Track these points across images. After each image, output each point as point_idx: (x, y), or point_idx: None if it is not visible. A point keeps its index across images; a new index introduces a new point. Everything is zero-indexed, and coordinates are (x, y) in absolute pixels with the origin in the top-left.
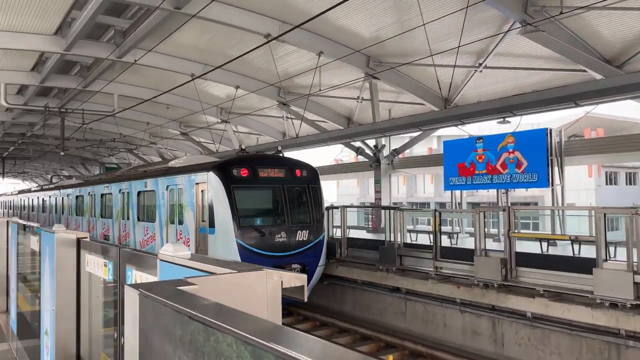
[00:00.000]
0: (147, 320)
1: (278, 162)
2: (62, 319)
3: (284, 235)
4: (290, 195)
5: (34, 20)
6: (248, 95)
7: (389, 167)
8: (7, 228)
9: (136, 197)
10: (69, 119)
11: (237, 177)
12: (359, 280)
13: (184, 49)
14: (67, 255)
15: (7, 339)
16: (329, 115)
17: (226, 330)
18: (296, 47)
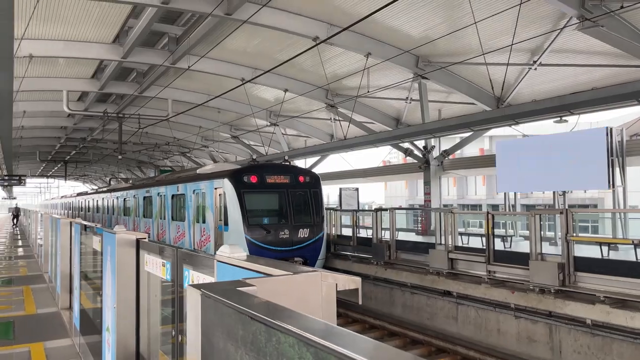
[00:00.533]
0: (208, 320)
1: (284, 169)
2: (123, 317)
3: (287, 232)
4: (293, 198)
5: (93, 30)
6: (296, 98)
7: (438, 169)
8: (70, 228)
9: (170, 200)
10: (126, 123)
11: (247, 183)
12: (408, 284)
13: (234, 54)
14: (127, 255)
15: (71, 334)
16: (377, 116)
17: (288, 331)
18: (344, 49)
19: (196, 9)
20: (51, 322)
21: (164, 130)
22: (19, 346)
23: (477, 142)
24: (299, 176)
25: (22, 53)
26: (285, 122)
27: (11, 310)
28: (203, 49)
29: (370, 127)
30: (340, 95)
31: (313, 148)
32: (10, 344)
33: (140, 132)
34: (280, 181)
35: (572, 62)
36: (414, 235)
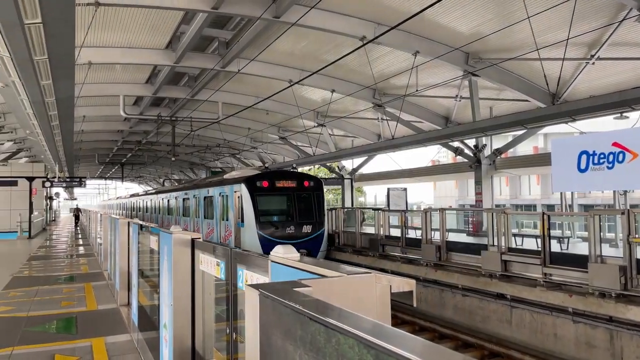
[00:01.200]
0: (267, 319)
1: (291, 175)
2: (179, 314)
3: (293, 228)
4: (298, 200)
5: (148, 37)
6: (343, 99)
7: (490, 168)
8: (128, 228)
9: (203, 201)
10: (179, 126)
11: (259, 187)
12: (459, 285)
13: (282, 56)
14: (183, 255)
15: (129, 330)
16: (426, 115)
17: (348, 332)
18: (392, 48)
19: (245, 13)
20: (111, 318)
21: (214, 132)
22: (82, 341)
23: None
24: (304, 181)
25: (81, 60)
26: (332, 122)
27: (74, 306)
28: (252, 52)
29: (419, 126)
30: (388, 94)
31: (360, 148)
32: (73, 339)
33: (192, 135)
34: (287, 185)
35: (633, 55)
36: (464, 236)
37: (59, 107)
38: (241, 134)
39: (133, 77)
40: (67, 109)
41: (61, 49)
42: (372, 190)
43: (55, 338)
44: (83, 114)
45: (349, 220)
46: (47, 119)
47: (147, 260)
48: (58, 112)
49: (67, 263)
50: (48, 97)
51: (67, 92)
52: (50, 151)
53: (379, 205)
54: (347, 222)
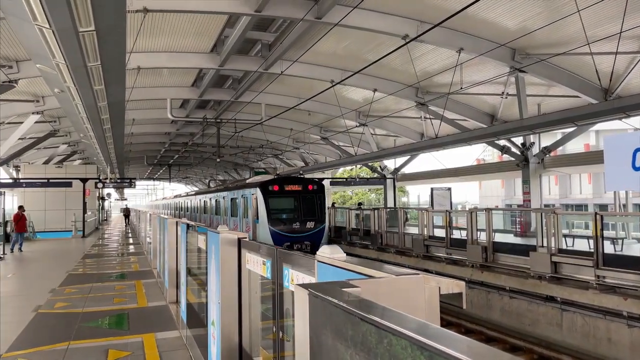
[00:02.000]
0: (316, 319)
1: (298, 180)
2: (227, 312)
3: (298, 224)
4: (303, 201)
5: (193, 41)
6: (385, 98)
7: (538, 166)
8: (176, 228)
9: (230, 202)
10: (224, 128)
11: (271, 190)
12: (507, 287)
13: (324, 57)
14: (230, 254)
15: (178, 327)
16: (471, 113)
17: (400, 334)
18: (435, 46)
19: (288, 15)
20: (161, 315)
21: (257, 133)
22: (133, 336)
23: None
24: (308, 185)
25: (131, 65)
26: (374, 122)
27: (125, 302)
28: (294, 53)
29: (463, 125)
30: (431, 92)
31: (403, 147)
32: (125, 334)
33: (237, 136)
34: (294, 189)
35: None
36: (511, 237)
37: (111, 110)
38: (283, 134)
39: (179, 80)
40: (118, 112)
41: (113, 55)
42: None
43: (108, 333)
44: (133, 117)
45: (392, 221)
46: (100, 122)
47: (195, 259)
48: (110, 116)
49: (119, 261)
50: (100, 101)
51: (118, 96)
52: (102, 153)
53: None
54: (389, 222)
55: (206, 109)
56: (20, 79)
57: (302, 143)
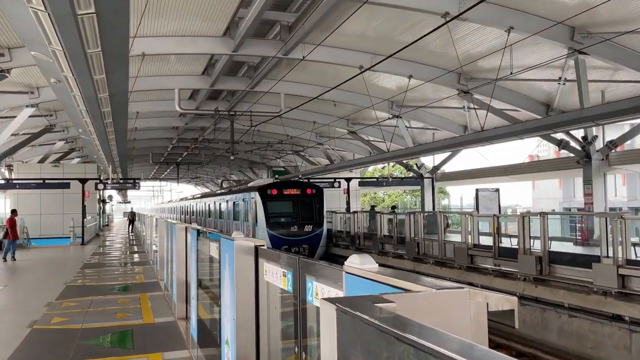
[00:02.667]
0: (346, 337)
1: (296, 184)
2: (243, 329)
3: (296, 227)
4: (301, 204)
5: (203, 24)
6: (422, 86)
7: (603, 164)
8: (186, 234)
9: (232, 205)
10: (238, 122)
11: (269, 194)
12: (565, 304)
13: (351, 39)
14: (246, 264)
15: (188, 346)
16: (522, 102)
17: (443, 355)
18: (480, 25)
19: None
20: (168, 332)
21: (276, 127)
22: (138, 356)
23: None
24: (307, 189)
25: (134, 52)
26: (409, 113)
27: (129, 318)
28: (318, 36)
29: (514, 116)
30: (476, 79)
31: (443, 142)
32: (129, 354)
33: (252, 131)
34: (293, 193)
35: None
36: (571, 245)
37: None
38: (306, 128)
39: (188, 68)
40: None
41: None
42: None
43: (110, 352)
44: (136, 109)
45: (430, 227)
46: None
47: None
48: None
49: (122, 271)
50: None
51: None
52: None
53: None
54: (427, 228)
55: (218, 100)
56: (13, 69)
57: (327, 138)
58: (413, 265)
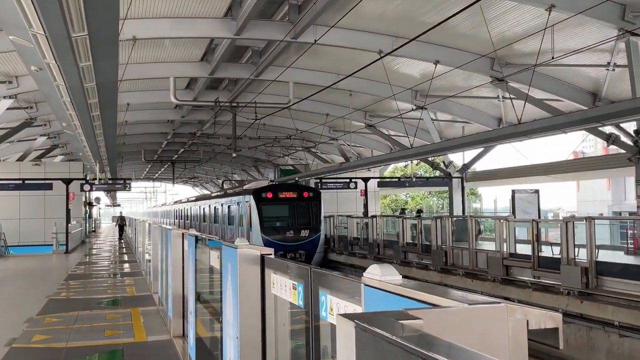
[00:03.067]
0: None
1: (292, 187)
2: (247, 349)
3: (292, 232)
4: (298, 208)
5: (201, 4)
6: (450, 73)
7: None
8: (182, 241)
9: (227, 209)
10: (241, 114)
11: (264, 197)
12: (616, 322)
13: (369, 20)
14: (251, 275)
15: None
16: (565, 91)
17: None
18: (517, 2)
19: None
20: (163, 352)
21: (284, 120)
22: None
23: None
24: (304, 192)
25: (125, 36)
26: (435, 104)
27: (120, 336)
28: (331, 17)
29: (555, 107)
30: (512, 64)
31: (474, 137)
32: None
33: (257, 124)
34: (289, 196)
35: None
36: (622, 254)
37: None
38: (318, 121)
39: (185, 54)
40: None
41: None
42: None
43: None
44: (127, 101)
45: (460, 233)
46: (87, 108)
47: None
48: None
49: (111, 283)
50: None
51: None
52: (90, 147)
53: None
54: (456, 235)
55: (219, 90)
56: None
57: (342, 132)
58: (440, 277)
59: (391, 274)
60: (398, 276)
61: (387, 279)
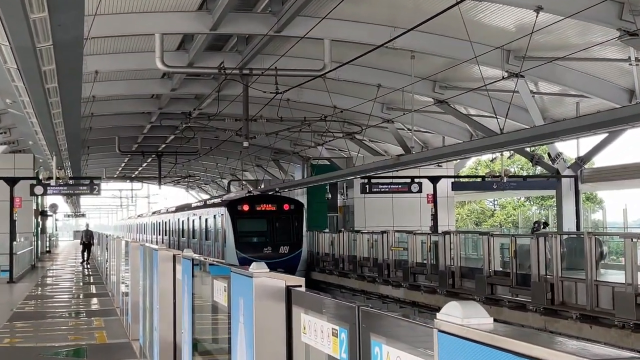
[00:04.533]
0: None
1: (271, 199)
2: None
3: (270, 248)
4: (277, 222)
5: None
6: (559, 24)
7: None
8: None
9: (205, 222)
10: (256, 86)
11: (240, 210)
12: None
13: None
14: (272, 315)
15: None
16: None
17: None
18: None
19: None
20: None
21: (317, 95)
22: None
23: None
24: (284, 204)
25: None
26: (537, 69)
27: None
28: None
29: None
30: None
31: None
32: None
33: (279, 100)
34: (267, 209)
35: None
36: None
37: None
38: (365, 96)
39: (177, 1)
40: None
41: None
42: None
43: None
44: (95, 67)
45: (572, 258)
46: (40, 77)
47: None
48: (56, 66)
49: (73, 326)
50: (42, 40)
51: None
52: (43, 132)
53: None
54: (567, 260)
55: (224, 52)
56: None
57: (400, 111)
58: (543, 321)
59: (478, 315)
60: (488, 319)
61: (473, 323)
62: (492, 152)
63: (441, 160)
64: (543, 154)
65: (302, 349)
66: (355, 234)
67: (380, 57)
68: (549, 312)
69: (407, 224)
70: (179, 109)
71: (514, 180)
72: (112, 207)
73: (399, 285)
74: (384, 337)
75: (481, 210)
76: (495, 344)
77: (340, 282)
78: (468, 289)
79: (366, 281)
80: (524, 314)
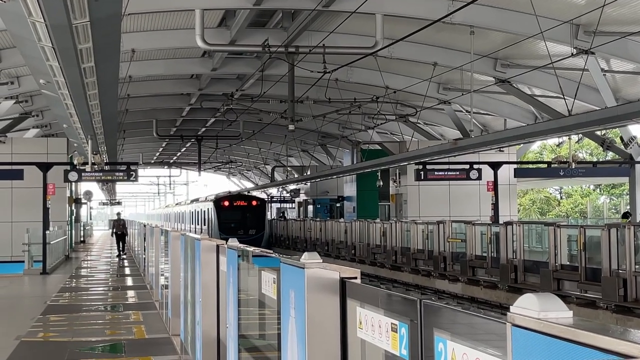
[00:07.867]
0: None
1: (244, 197)
2: None
3: (243, 231)
4: (247, 213)
5: None
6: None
7: None
8: (217, 258)
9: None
10: (302, 65)
11: (222, 205)
12: None
13: None
14: (325, 308)
15: None
16: None
17: None
18: None
19: None
20: None
21: (367, 74)
22: None
23: None
24: (252, 201)
25: None
26: (609, 46)
27: None
28: None
29: None
30: None
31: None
32: None
33: (327, 80)
34: (241, 204)
35: None
36: None
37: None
38: (420, 75)
39: None
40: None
41: None
42: None
43: None
44: (132, 46)
45: None
46: (76, 55)
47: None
48: (93, 43)
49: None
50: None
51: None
52: (79, 115)
53: None
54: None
55: (268, 29)
56: None
57: (458, 91)
58: (614, 319)
59: (556, 308)
60: (568, 312)
61: (551, 317)
62: (558, 135)
63: (503, 145)
64: (615, 137)
65: (358, 344)
66: (409, 224)
67: (436, 33)
68: (621, 310)
69: (465, 214)
70: (220, 90)
71: (582, 167)
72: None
73: (456, 279)
74: (448, 332)
75: (545, 199)
76: (576, 339)
77: (393, 275)
78: (532, 284)
79: (420, 275)
80: (593, 311)
